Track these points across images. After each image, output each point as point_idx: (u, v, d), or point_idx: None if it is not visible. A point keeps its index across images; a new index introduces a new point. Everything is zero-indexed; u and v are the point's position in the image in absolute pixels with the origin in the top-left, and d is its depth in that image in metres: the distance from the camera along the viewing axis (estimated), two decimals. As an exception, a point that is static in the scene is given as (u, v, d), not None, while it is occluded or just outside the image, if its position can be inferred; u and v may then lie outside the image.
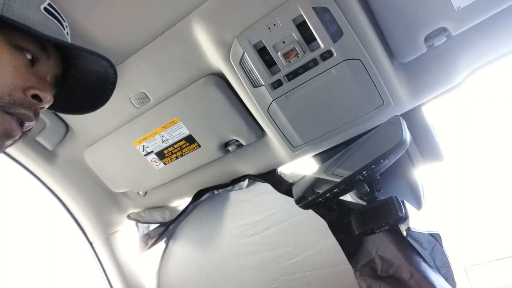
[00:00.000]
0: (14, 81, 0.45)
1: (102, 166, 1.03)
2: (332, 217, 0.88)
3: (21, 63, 0.47)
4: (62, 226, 1.16)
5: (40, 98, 0.48)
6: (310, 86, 0.75)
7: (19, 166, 0.99)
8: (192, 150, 0.94)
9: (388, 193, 0.78)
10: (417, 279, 0.69)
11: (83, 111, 0.63)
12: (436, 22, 0.67)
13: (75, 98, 0.62)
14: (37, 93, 0.48)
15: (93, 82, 0.60)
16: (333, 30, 0.68)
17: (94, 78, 0.59)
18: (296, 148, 0.86)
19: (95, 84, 0.60)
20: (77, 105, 0.63)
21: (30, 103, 0.47)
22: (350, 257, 0.83)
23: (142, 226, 1.19)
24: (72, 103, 0.63)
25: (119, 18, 0.74)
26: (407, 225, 0.70)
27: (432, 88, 0.78)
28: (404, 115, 0.82)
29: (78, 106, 0.63)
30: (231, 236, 1.12)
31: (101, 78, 0.59)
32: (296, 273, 1.03)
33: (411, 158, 0.89)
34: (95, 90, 0.61)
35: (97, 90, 0.61)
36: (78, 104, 0.63)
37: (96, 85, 0.60)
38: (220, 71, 0.82)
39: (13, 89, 0.45)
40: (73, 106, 0.63)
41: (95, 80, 0.59)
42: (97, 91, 0.61)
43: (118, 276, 1.13)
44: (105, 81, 0.59)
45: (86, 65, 0.58)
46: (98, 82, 0.59)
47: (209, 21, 0.73)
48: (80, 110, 0.63)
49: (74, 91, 0.60)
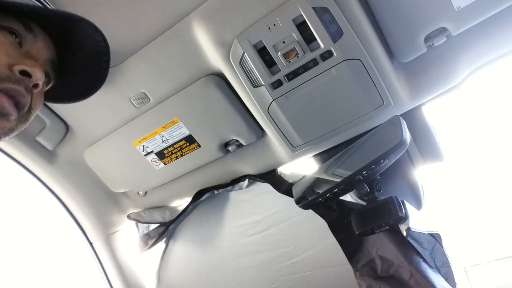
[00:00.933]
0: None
1: (102, 166, 1.03)
2: (332, 217, 0.88)
3: (5, 41, 0.46)
4: (62, 226, 1.16)
5: (29, 74, 0.47)
6: (310, 86, 0.75)
7: (19, 166, 0.99)
8: (192, 150, 0.94)
9: (388, 193, 0.78)
10: (417, 279, 0.69)
11: (86, 95, 0.62)
12: (436, 22, 0.67)
13: (75, 83, 0.61)
14: (24, 68, 0.46)
15: (87, 59, 0.58)
16: (333, 30, 0.68)
17: (88, 55, 0.57)
18: (296, 148, 0.86)
19: (90, 60, 0.58)
20: (78, 90, 0.62)
21: (18, 78, 0.46)
22: (350, 257, 0.83)
23: (142, 226, 1.19)
24: (73, 89, 0.61)
25: (119, 18, 0.74)
26: (407, 225, 0.70)
27: (432, 88, 0.78)
28: (404, 115, 0.82)
29: (80, 91, 0.62)
30: (231, 236, 1.12)
31: (94, 52, 0.57)
32: (296, 273, 1.03)
33: (411, 158, 0.89)
34: (91, 67, 0.59)
35: (93, 67, 0.59)
36: (80, 89, 0.62)
37: (91, 61, 0.58)
38: (220, 71, 0.82)
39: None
40: (74, 92, 0.62)
41: (89, 56, 0.58)
42: (93, 68, 0.59)
43: (118, 276, 1.13)
44: (98, 54, 0.57)
45: (78, 43, 0.56)
46: (92, 57, 0.58)
47: (209, 21, 0.73)
48: (82, 94, 0.62)
49: (73, 76, 0.59)
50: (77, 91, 0.62)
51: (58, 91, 0.59)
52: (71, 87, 0.61)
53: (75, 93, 0.62)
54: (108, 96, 0.88)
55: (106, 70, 0.60)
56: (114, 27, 0.75)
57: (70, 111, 0.95)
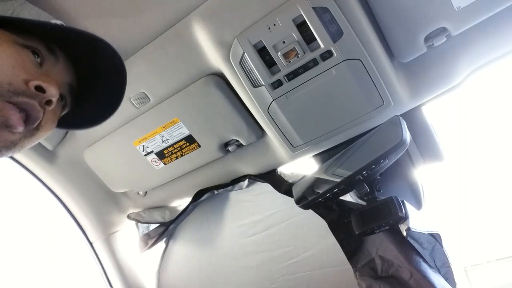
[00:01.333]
0: (15, 71, 0.44)
1: (102, 166, 1.03)
2: (332, 217, 0.88)
3: (25, 58, 0.47)
4: (62, 226, 1.16)
5: (43, 90, 0.46)
6: (310, 86, 0.75)
7: (19, 166, 0.99)
8: (192, 150, 0.94)
9: (388, 193, 0.78)
10: (417, 279, 0.69)
11: (99, 121, 0.61)
12: (436, 22, 0.67)
13: (91, 111, 0.61)
14: (40, 84, 0.46)
15: (105, 86, 0.58)
16: (333, 30, 0.68)
17: (106, 81, 0.58)
18: (296, 148, 0.86)
19: (109, 87, 0.58)
20: (92, 117, 0.61)
21: (32, 93, 0.45)
22: (350, 257, 0.83)
23: (142, 226, 1.19)
24: (88, 116, 0.61)
25: (119, 18, 0.74)
26: (407, 225, 0.70)
27: (432, 88, 0.78)
28: (404, 115, 0.82)
29: (95, 118, 0.61)
30: (231, 236, 1.12)
31: (112, 78, 0.57)
32: (296, 273, 1.03)
33: (411, 158, 0.89)
34: (109, 93, 0.59)
35: (111, 92, 0.59)
36: (94, 116, 0.61)
37: (110, 88, 0.59)
38: (220, 71, 0.82)
39: (13, 78, 0.44)
40: (89, 119, 0.62)
41: (107, 83, 0.58)
42: (111, 93, 0.59)
43: (118, 276, 1.13)
44: (118, 79, 0.58)
45: (98, 69, 0.56)
46: (111, 83, 0.58)
47: (209, 21, 0.73)
48: (96, 121, 0.62)
49: (90, 104, 0.60)
50: (91, 118, 0.62)
51: (72, 118, 0.59)
52: (86, 115, 0.61)
53: (89, 119, 0.62)
54: (108, 96, 0.88)
55: (122, 95, 0.60)
56: (114, 27, 0.75)
57: (70, 111, 0.95)
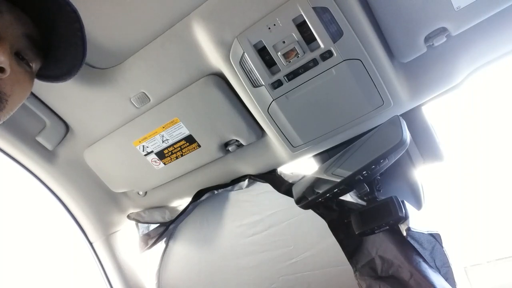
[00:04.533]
0: None
1: (102, 166, 1.03)
2: (332, 217, 0.88)
3: None
4: (62, 226, 1.16)
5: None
6: (310, 86, 0.75)
7: (19, 166, 0.99)
8: (192, 150, 0.94)
9: (388, 193, 0.78)
10: (417, 279, 0.69)
11: (72, 71, 0.57)
12: (436, 22, 0.67)
13: (61, 60, 0.57)
14: None
15: (65, 31, 0.53)
16: (333, 30, 0.68)
17: (63, 26, 0.53)
18: (296, 148, 0.86)
19: (69, 33, 0.53)
20: (65, 67, 0.57)
21: None
22: (350, 257, 0.83)
23: (142, 226, 1.19)
24: (61, 66, 0.57)
25: (119, 18, 0.74)
26: (407, 225, 0.70)
27: (432, 88, 0.78)
28: (404, 115, 0.82)
29: (67, 68, 0.57)
30: (231, 236, 1.12)
31: (68, 23, 0.53)
32: (296, 273, 1.03)
33: (411, 158, 0.89)
34: (71, 39, 0.54)
35: (72, 40, 0.54)
36: (66, 66, 0.57)
37: (70, 34, 0.54)
38: (220, 71, 0.82)
39: None
40: (62, 69, 0.57)
41: (65, 28, 0.53)
42: (72, 41, 0.54)
43: (118, 276, 1.13)
44: (72, 22, 0.53)
45: (52, 15, 0.52)
46: (69, 29, 0.53)
47: (209, 21, 0.73)
48: (70, 71, 0.57)
49: (56, 51, 0.55)
50: (66, 68, 0.58)
51: (48, 70, 0.56)
52: (59, 65, 0.57)
53: (64, 71, 0.58)
54: (108, 96, 0.88)
55: (83, 41, 0.55)
56: (114, 27, 0.75)
57: (70, 111, 0.95)
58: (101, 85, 0.86)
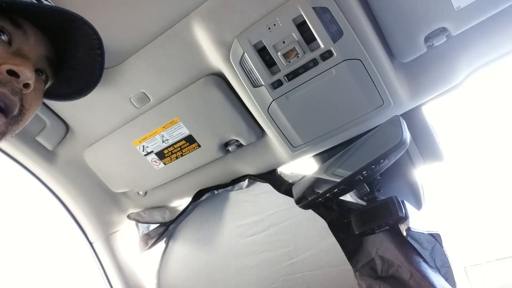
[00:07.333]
0: None
1: (102, 166, 1.03)
2: (332, 217, 0.88)
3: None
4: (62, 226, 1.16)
5: (16, 74, 0.45)
6: (310, 86, 0.75)
7: (19, 166, 0.99)
8: (192, 150, 0.94)
9: (388, 193, 0.78)
10: (417, 279, 0.69)
11: (85, 91, 0.61)
12: (436, 22, 0.67)
13: (74, 81, 0.60)
14: (11, 68, 0.44)
15: (83, 55, 0.57)
16: (333, 30, 0.68)
17: (83, 51, 0.56)
18: (296, 148, 0.86)
19: (86, 56, 0.57)
20: (77, 87, 0.61)
21: (5, 79, 0.44)
22: (350, 257, 0.83)
23: (142, 226, 1.19)
24: (72, 87, 0.60)
25: (119, 18, 0.74)
26: (407, 225, 0.70)
27: (432, 88, 0.78)
28: (404, 115, 0.82)
29: (79, 88, 0.61)
30: (231, 236, 1.12)
31: (88, 47, 0.56)
32: (296, 273, 1.03)
33: (411, 158, 0.89)
34: (88, 63, 0.58)
35: (89, 63, 0.58)
36: (79, 86, 0.61)
37: (87, 57, 0.57)
38: (220, 71, 0.82)
39: None
40: (74, 89, 0.61)
41: (84, 52, 0.56)
42: (90, 64, 0.58)
43: (118, 276, 1.13)
44: (92, 48, 0.56)
45: (72, 39, 0.54)
46: (87, 52, 0.56)
47: (209, 21, 0.73)
48: (81, 91, 0.61)
49: (71, 73, 0.58)
50: (76, 88, 0.61)
51: (58, 89, 0.58)
52: (70, 85, 0.60)
53: (74, 90, 0.61)
54: (108, 96, 0.88)
55: (102, 65, 0.59)
56: (114, 27, 0.75)
57: (70, 111, 0.95)
58: (101, 85, 0.85)
